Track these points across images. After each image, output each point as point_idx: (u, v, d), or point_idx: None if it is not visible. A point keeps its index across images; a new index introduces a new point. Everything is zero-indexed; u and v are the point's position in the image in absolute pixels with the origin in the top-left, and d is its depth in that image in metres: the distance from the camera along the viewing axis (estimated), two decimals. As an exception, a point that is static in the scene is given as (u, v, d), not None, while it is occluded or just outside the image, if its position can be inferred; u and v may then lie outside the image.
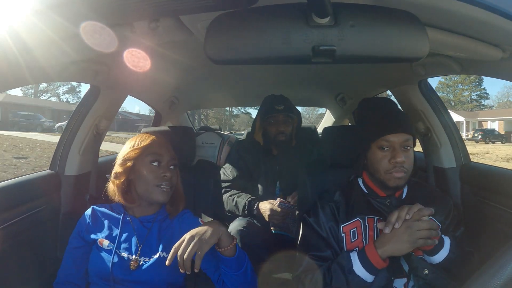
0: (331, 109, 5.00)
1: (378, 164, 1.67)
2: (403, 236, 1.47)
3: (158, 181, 1.65)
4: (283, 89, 3.77)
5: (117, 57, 1.82)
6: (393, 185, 1.65)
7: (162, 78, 2.92)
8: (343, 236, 1.71)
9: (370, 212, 1.73)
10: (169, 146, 1.76)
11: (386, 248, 1.50)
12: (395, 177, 1.64)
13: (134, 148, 1.69)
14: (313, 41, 1.06)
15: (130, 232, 1.70)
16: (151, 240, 1.69)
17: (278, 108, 2.81)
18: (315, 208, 1.80)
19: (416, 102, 2.52)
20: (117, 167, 1.70)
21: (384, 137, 1.65)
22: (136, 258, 1.63)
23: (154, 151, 1.69)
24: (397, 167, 1.63)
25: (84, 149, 2.41)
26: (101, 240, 1.68)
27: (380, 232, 1.62)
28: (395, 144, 1.65)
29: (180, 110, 4.56)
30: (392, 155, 1.64)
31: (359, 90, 3.66)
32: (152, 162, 1.67)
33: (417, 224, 1.46)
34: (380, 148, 1.67)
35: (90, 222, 1.73)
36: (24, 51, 1.25)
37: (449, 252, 1.55)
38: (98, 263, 1.64)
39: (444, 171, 2.47)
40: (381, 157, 1.66)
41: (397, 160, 1.62)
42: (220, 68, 2.72)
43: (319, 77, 3.34)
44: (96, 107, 2.42)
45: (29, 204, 2.05)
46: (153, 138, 1.73)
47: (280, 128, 2.84)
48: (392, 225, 1.48)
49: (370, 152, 1.71)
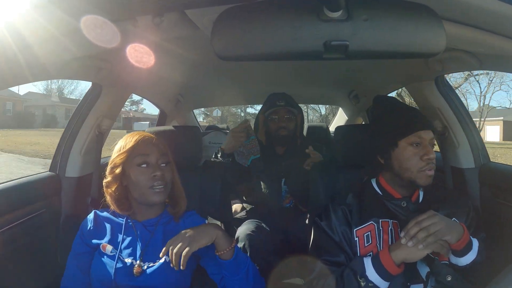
0: (343, 107, 4.99)
1: (408, 162, 1.66)
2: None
3: (149, 182, 1.63)
4: (293, 86, 3.77)
5: (120, 53, 1.83)
6: (425, 183, 1.65)
7: (167, 75, 2.93)
8: (357, 240, 1.71)
9: (385, 215, 1.72)
10: (159, 142, 1.72)
11: (399, 253, 1.50)
12: (427, 175, 1.64)
13: (120, 153, 1.66)
14: (325, 36, 1.06)
15: (133, 236, 1.70)
16: (155, 244, 1.68)
17: (279, 104, 2.83)
18: (327, 211, 1.80)
19: (432, 99, 2.50)
20: (107, 176, 1.70)
21: (416, 132, 1.65)
22: (140, 264, 1.64)
23: (140, 152, 1.65)
24: (430, 164, 1.63)
25: (85, 149, 2.42)
26: (104, 245, 1.68)
27: (395, 236, 1.63)
28: (425, 141, 1.66)
29: (186, 109, 4.57)
30: (424, 151, 1.64)
31: (373, 87, 3.64)
32: (140, 165, 1.65)
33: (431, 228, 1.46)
34: (411, 145, 1.66)
35: (92, 227, 1.73)
36: (23, 47, 1.26)
37: (477, 255, 1.54)
38: (101, 269, 1.65)
39: (462, 172, 2.44)
40: (412, 154, 1.65)
41: (430, 156, 1.62)
42: (228, 64, 2.72)
43: (331, 73, 3.33)
44: (98, 105, 2.42)
45: (28, 207, 2.05)
46: (138, 138, 1.68)
47: (282, 123, 2.85)
48: (410, 237, 1.48)
49: (397, 150, 1.69)
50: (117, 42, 1.48)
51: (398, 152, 1.69)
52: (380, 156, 1.78)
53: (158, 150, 1.68)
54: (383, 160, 1.77)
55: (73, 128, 2.39)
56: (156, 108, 4.78)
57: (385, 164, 1.77)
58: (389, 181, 1.78)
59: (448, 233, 1.47)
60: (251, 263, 1.66)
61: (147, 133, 1.73)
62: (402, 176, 1.69)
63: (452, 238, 1.48)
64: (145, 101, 24.14)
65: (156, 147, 1.68)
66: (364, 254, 1.67)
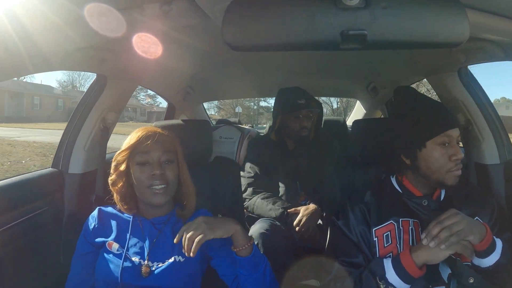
0: (361, 100, 4.97)
1: (437, 163, 1.64)
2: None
3: (148, 181, 1.62)
4: (308, 78, 3.76)
5: (126, 43, 1.82)
6: (453, 183, 1.64)
7: (175, 66, 2.93)
8: (376, 240, 1.70)
9: (405, 214, 1.71)
10: (164, 138, 1.70)
11: (421, 255, 1.49)
12: (455, 175, 1.63)
13: (122, 150, 1.66)
14: (342, 25, 1.05)
15: (140, 235, 1.70)
16: (164, 243, 1.68)
17: (300, 103, 2.82)
18: (345, 210, 1.79)
19: (455, 91, 2.47)
20: (112, 173, 1.70)
21: (445, 132, 1.64)
22: (147, 263, 1.63)
23: (141, 150, 1.64)
24: (458, 165, 1.62)
25: (90, 144, 2.41)
26: (110, 243, 1.68)
27: (416, 236, 1.62)
28: (453, 140, 1.65)
29: (195, 102, 4.57)
30: (452, 151, 1.63)
31: (392, 79, 3.62)
32: (140, 163, 1.64)
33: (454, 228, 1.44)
34: (441, 145, 1.64)
35: (97, 224, 1.73)
36: (24, 36, 1.26)
37: (500, 257, 1.51)
38: (106, 268, 1.64)
39: (486, 168, 2.41)
40: (441, 154, 1.64)
41: (459, 156, 1.61)
42: (239, 55, 2.71)
43: (348, 64, 3.31)
44: (103, 98, 2.41)
45: (29, 205, 2.05)
46: (140, 134, 1.67)
47: (304, 123, 2.85)
48: (432, 238, 1.46)
49: (425, 150, 1.67)
50: (123, 32, 1.48)
51: (426, 153, 1.67)
52: (405, 156, 1.75)
53: (160, 147, 1.66)
54: (408, 160, 1.74)
55: (76, 121, 2.38)
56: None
57: (411, 165, 1.74)
58: (410, 179, 1.77)
59: (471, 233, 1.45)
60: (268, 263, 1.65)
61: (152, 129, 1.71)
62: (430, 177, 1.68)
63: (475, 238, 1.46)
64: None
65: (158, 144, 1.66)
66: (383, 255, 1.67)
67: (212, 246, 1.68)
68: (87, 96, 2.42)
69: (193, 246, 1.44)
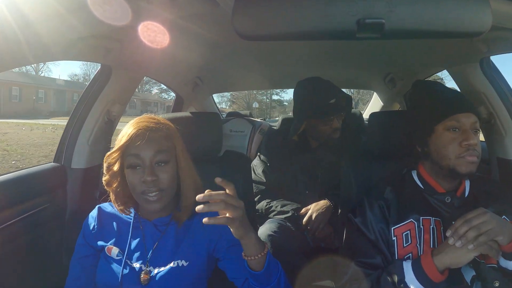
0: (378, 92, 4.93)
1: (446, 149, 1.64)
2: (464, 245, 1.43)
3: (141, 187, 1.52)
4: (322, 69, 3.74)
5: (131, 32, 1.82)
6: (466, 171, 1.61)
7: (183, 57, 2.92)
8: (394, 239, 1.68)
9: (426, 212, 1.69)
10: (157, 134, 1.56)
11: (443, 258, 1.46)
12: (467, 162, 1.61)
13: (113, 151, 1.57)
14: (358, 13, 1.04)
15: (142, 237, 1.66)
16: (166, 246, 1.64)
17: (332, 103, 2.66)
18: (362, 207, 1.78)
19: (477, 83, 2.44)
20: (105, 174, 1.63)
21: (454, 116, 1.63)
22: (147, 270, 1.59)
23: (131, 152, 1.52)
24: (470, 150, 1.60)
25: (93, 138, 2.42)
26: (110, 247, 1.64)
27: (437, 236, 1.60)
28: (465, 126, 1.63)
29: (204, 93, 4.57)
30: (463, 137, 1.62)
31: (411, 70, 3.60)
32: (131, 167, 1.54)
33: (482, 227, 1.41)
34: (449, 130, 1.64)
35: (96, 225, 1.69)
36: (24, 25, 1.26)
37: None
38: (107, 275, 1.61)
39: (509, 164, 2.39)
40: (450, 139, 1.63)
41: (470, 142, 1.59)
42: (250, 44, 2.69)
43: (364, 55, 3.28)
44: (108, 89, 2.41)
45: (30, 202, 2.06)
46: (132, 131, 1.53)
47: (336, 125, 2.73)
48: (459, 237, 1.43)
49: (434, 136, 1.68)
50: (128, 20, 1.47)
51: (435, 139, 1.68)
52: (418, 145, 1.77)
53: (152, 147, 1.54)
54: (420, 148, 1.76)
55: (79, 114, 2.38)
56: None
57: (422, 152, 1.76)
58: (429, 172, 1.76)
59: (501, 233, 1.42)
60: (282, 271, 1.58)
61: (144, 124, 1.57)
62: (441, 164, 1.67)
63: (504, 239, 1.42)
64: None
65: (150, 143, 1.53)
66: (402, 256, 1.65)
67: (219, 248, 1.64)
68: (90, 87, 2.42)
69: (216, 220, 1.31)
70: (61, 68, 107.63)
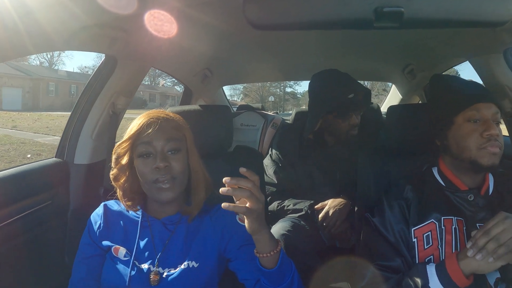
0: (397, 84, 4.92)
1: (466, 140, 1.63)
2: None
3: (153, 176, 1.54)
4: (338, 60, 3.73)
5: (137, 21, 1.81)
6: (488, 163, 1.60)
7: (192, 47, 2.91)
8: (415, 241, 1.67)
9: (448, 211, 1.68)
10: (168, 124, 1.61)
11: (470, 263, 1.44)
12: (489, 153, 1.59)
13: (123, 140, 1.59)
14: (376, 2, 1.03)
15: (150, 237, 1.65)
16: (176, 246, 1.63)
17: (351, 98, 2.63)
18: (381, 206, 1.77)
19: (500, 75, 2.42)
20: (113, 167, 1.65)
21: (474, 106, 1.62)
22: (156, 270, 1.58)
23: (142, 140, 1.55)
24: (491, 140, 1.59)
25: (97, 132, 2.43)
26: (116, 248, 1.63)
27: (459, 236, 1.59)
28: (485, 116, 1.63)
29: (214, 85, 4.57)
30: (484, 127, 1.60)
31: (431, 61, 3.58)
32: (142, 155, 1.56)
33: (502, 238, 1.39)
34: (469, 121, 1.63)
35: (102, 224, 1.69)
36: (24, 14, 1.25)
37: None
38: (113, 277, 1.60)
39: None
40: (470, 130, 1.62)
41: (491, 132, 1.58)
42: (262, 34, 2.67)
43: (382, 45, 3.26)
44: (112, 81, 2.41)
45: (31, 199, 2.06)
46: (142, 121, 1.58)
47: (354, 121, 2.70)
48: (478, 250, 1.42)
49: (454, 128, 1.67)
50: (134, 8, 1.46)
51: (455, 131, 1.67)
52: (437, 138, 1.76)
53: (164, 135, 1.57)
54: (440, 142, 1.75)
55: (83, 107, 2.39)
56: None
57: (441, 146, 1.75)
58: (450, 167, 1.75)
59: None
60: (295, 271, 1.57)
61: (156, 114, 1.63)
62: (461, 157, 1.66)
63: None
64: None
65: (162, 132, 1.57)
66: (423, 258, 1.64)
67: (230, 247, 1.63)
68: (94, 79, 2.41)
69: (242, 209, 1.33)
70: (74, 61, 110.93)
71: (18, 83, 40.10)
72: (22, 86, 40.51)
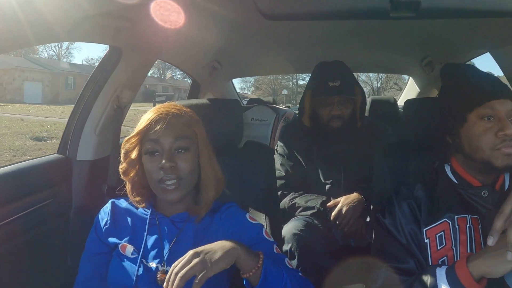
0: (415, 77, 4.92)
1: (480, 140, 1.59)
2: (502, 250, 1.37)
3: (158, 175, 1.54)
4: (352, 52, 3.73)
5: (143, 11, 1.80)
6: (502, 165, 1.56)
7: (200, 38, 2.91)
8: (427, 242, 1.65)
9: (461, 209, 1.65)
10: (179, 121, 1.59)
11: (480, 265, 1.41)
12: (504, 154, 1.55)
13: (131, 136, 1.59)
14: (391, -10, 1.01)
15: (159, 235, 1.65)
16: (185, 244, 1.61)
17: (332, 85, 2.63)
18: (391, 207, 1.75)
19: None
20: (122, 162, 1.64)
21: (488, 103, 1.58)
22: (163, 269, 1.58)
23: (150, 137, 1.55)
24: (507, 141, 1.54)
25: (101, 127, 2.42)
26: (124, 245, 1.63)
27: (475, 235, 1.57)
28: (500, 113, 1.58)
29: (223, 78, 4.57)
30: (499, 126, 1.56)
31: (450, 53, 3.57)
32: (149, 152, 1.56)
33: None
34: (482, 119, 1.59)
35: (109, 220, 1.69)
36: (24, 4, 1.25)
37: None
38: (120, 275, 1.60)
39: None
40: (484, 129, 1.58)
41: (506, 131, 1.53)
42: (274, 25, 2.65)
43: (399, 36, 3.26)
44: (117, 73, 2.39)
45: (31, 197, 2.06)
46: (151, 116, 1.57)
47: (335, 112, 2.71)
48: (498, 234, 1.37)
49: (467, 126, 1.63)
50: (140, -3, 1.45)
51: (468, 129, 1.63)
52: (448, 135, 1.73)
53: (173, 133, 1.56)
54: (451, 139, 1.72)
55: (86, 101, 2.38)
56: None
57: (453, 145, 1.72)
58: (463, 165, 1.72)
59: None
60: (288, 277, 1.54)
61: (166, 109, 1.61)
62: (474, 157, 1.62)
63: None
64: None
65: (170, 129, 1.56)
66: (436, 259, 1.62)
67: None
68: (98, 72, 2.40)
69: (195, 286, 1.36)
70: (83, 54, 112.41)
71: (38, 77, 42.04)
72: (42, 80, 42.38)
